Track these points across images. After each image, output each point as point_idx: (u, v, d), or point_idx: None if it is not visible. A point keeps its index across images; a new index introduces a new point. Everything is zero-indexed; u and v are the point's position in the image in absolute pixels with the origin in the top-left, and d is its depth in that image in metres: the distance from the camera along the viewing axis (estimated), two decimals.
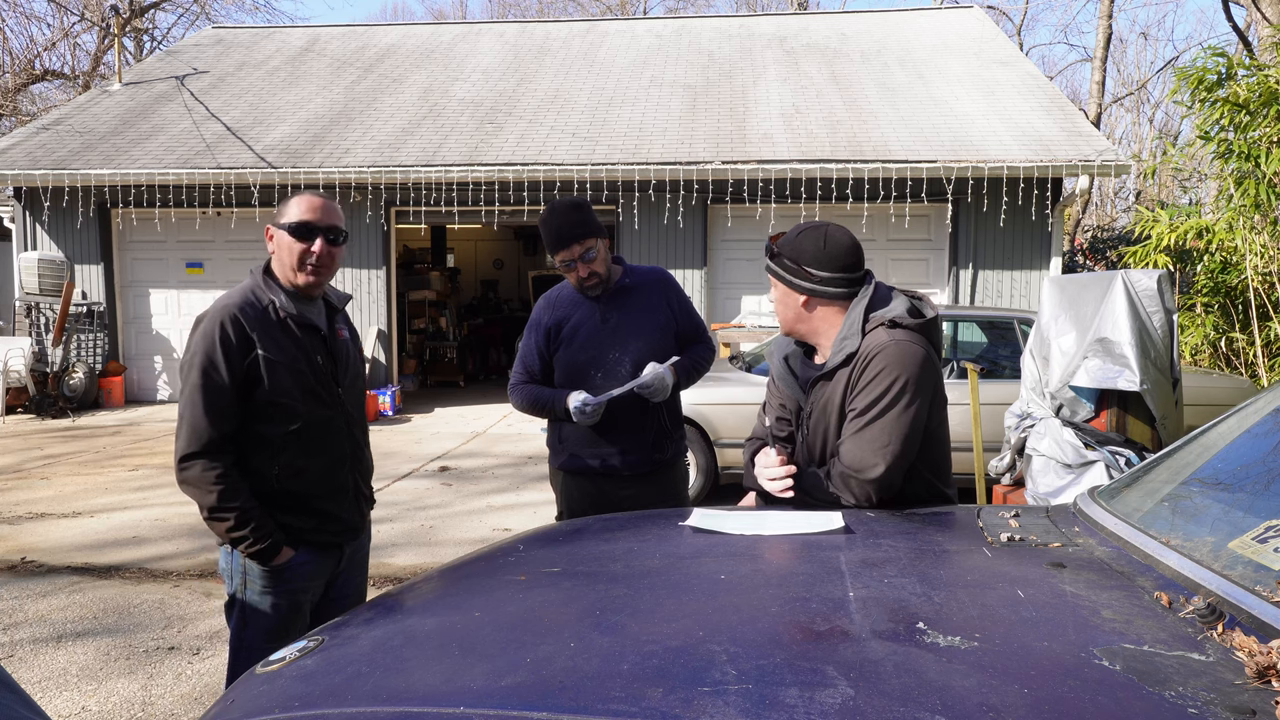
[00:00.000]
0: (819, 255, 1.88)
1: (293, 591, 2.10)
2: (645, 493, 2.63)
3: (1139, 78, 27.15)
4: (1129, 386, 3.76)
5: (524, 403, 2.68)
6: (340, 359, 2.18)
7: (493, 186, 9.77)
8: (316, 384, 2.08)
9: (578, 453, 2.66)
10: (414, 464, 7.23)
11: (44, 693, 3.14)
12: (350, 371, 2.23)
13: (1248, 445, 1.65)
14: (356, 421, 2.24)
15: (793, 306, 1.94)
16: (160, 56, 14.29)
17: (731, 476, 5.99)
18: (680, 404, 2.79)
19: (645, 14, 27.87)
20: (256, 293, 2.06)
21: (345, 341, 2.24)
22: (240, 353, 1.98)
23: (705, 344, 2.79)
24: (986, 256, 9.52)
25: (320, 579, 2.17)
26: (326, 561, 2.17)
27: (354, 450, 2.21)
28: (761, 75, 11.90)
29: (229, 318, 1.99)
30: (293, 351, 2.04)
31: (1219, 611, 1.12)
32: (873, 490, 1.78)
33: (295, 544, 2.08)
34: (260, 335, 2.00)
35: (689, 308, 2.79)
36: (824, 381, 1.91)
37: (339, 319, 2.25)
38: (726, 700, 0.96)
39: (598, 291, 2.61)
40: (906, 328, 1.83)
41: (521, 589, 1.42)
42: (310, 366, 2.07)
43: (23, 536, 5.05)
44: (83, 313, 10.07)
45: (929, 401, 1.83)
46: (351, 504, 2.21)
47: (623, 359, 2.60)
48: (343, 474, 2.17)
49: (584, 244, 2.52)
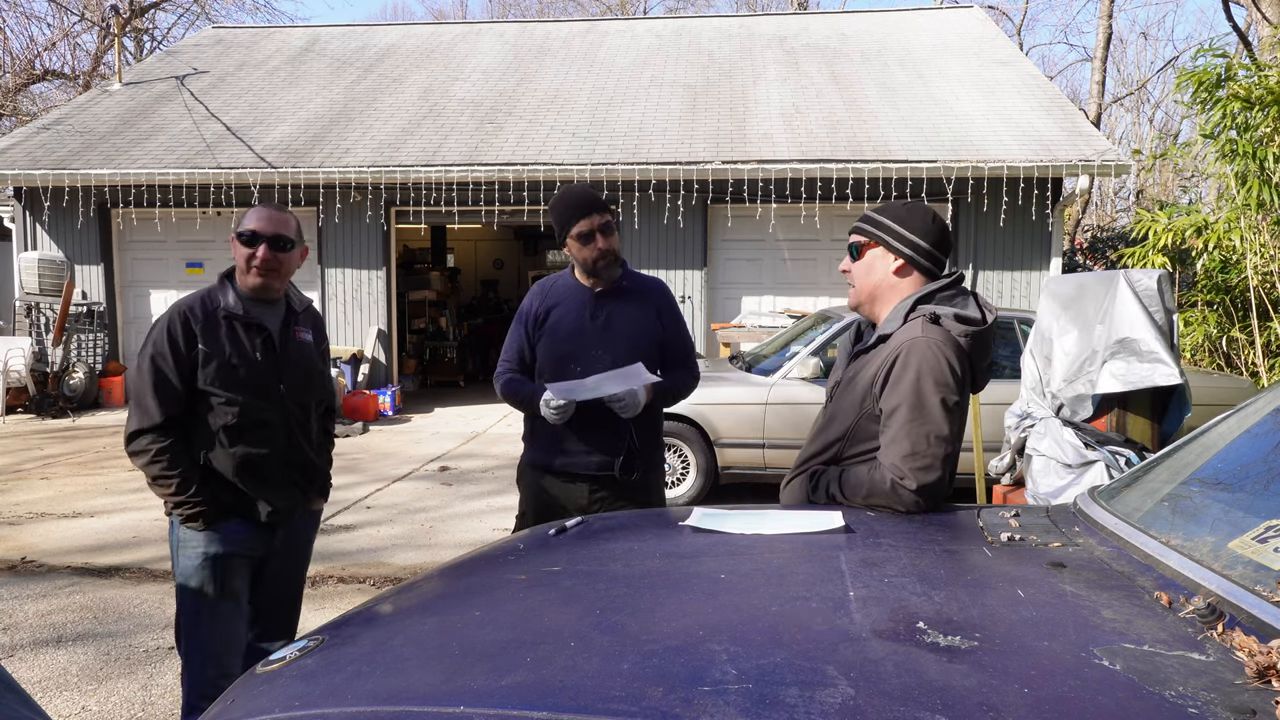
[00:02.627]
0: (927, 226, 1.90)
1: (223, 555, 2.29)
2: (613, 504, 2.57)
3: (1139, 78, 27.17)
4: (1169, 381, 3.63)
5: (505, 392, 2.66)
6: (289, 359, 2.36)
7: (493, 186, 9.77)
8: (252, 379, 2.28)
9: (546, 451, 2.61)
10: (413, 464, 7.22)
11: (44, 693, 3.14)
12: (299, 371, 2.40)
13: (1248, 445, 1.65)
14: (298, 419, 2.39)
15: (882, 271, 1.92)
16: (160, 56, 14.29)
17: (732, 476, 5.99)
18: (659, 425, 2.73)
19: (645, 14, 27.86)
20: (210, 295, 2.32)
21: (301, 343, 2.42)
22: (186, 347, 2.23)
23: (689, 370, 2.72)
24: (986, 256, 9.52)
25: (249, 551, 2.35)
26: (255, 538, 2.35)
27: (289, 445, 2.37)
28: (761, 75, 11.90)
29: (180, 316, 2.25)
30: (230, 349, 2.26)
31: (1219, 611, 1.12)
32: (920, 499, 1.71)
33: (227, 515, 2.30)
34: (203, 332, 2.25)
35: (680, 327, 2.73)
36: (863, 355, 1.92)
37: (300, 321, 2.43)
38: (726, 700, 0.96)
39: (609, 273, 2.57)
40: (946, 327, 1.79)
41: (521, 589, 1.42)
42: (246, 363, 2.28)
43: (23, 536, 5.05)
44: (83, 313, 10.07)
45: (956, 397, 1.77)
46: (280, 494, 2.36)
47: (604, 357, 2.54)
48: (272, 466, 2.33)
49: (603, 216, 2.52)
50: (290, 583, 2.52)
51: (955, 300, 1.88)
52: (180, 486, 2.22)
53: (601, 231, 2.51)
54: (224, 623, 2.31)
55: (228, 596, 2.31)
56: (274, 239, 2.29)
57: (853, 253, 1.98)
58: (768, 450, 5.87)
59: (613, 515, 1.92)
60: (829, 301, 9.63)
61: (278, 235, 2.30)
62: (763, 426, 5.86)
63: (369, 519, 5.49)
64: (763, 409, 5.86)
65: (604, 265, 2.55)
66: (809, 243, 9.87)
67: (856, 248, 1.97)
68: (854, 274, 1.98)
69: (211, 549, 2.28)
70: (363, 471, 6.94)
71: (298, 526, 2.48)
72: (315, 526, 2.61)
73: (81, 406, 9.89)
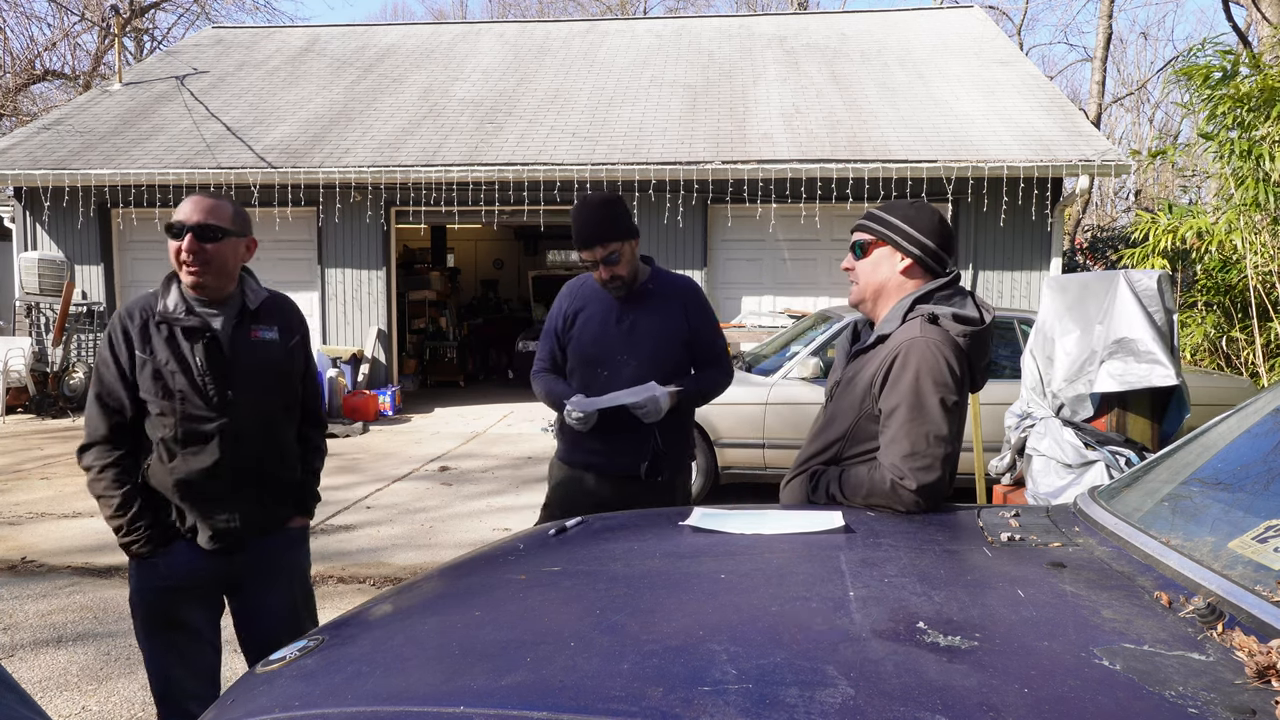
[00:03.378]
0: (934, 226, 1.90)
1: (164, 589, 2.08)
2: (637, 501, 2.55)
3: (1139, 78, 27.17)
4: (1165, 382, 3.64)
5: (540, 391, 2.69)
6: (240, 363, 2.10)
7: (493, 186, 9.77)
8: (189, 387, 2.04)
9: (576, 448, 2.65)
10: (413, 464, 7.23)
11: (44, 693, 3.14)
12: (256, 376, 2.12)
13: (1248, 445, 1.65)
14: (257, 428, 2.13)
15: (889, 270, 1.92)
16: (160, 56, 14.29)
17: (732, 477, 5.99)
18: (687, 428, 2.73)
19: (645, 14, 27.86)
20: (151, 296, 2.11)
21: (259, 343, 2.14)
22: (126, 353, 2.05)
23: (721, 368, 2.70)
24: (986, 256, 9.52)
25: (199, 581, 2.11)
26: (204, 564, 2.10)
27: (243, 457, 2.10)
28: (761, 75, 11.90)
29: (119, 320, 2.07)
30: (164, 354, 2.04)
31: (1219, 611, 1.12)
32: (920, 499, 1.71)
33: (169, 541, 2.07)
34: (138, 337, 2.05)
35: (711, 325, 2.71)
36: (861, 355, 1.92)
37: (258, 319, 2.16)
38: (726, 700, 0.96)
39: (621, 293, 2.58)
40: (944, 327, 1.80)
41: (521, 588, 1.42)
42: (183, 369, 2.03)
43: (23, 536, 5.05)
44: (83, 313, 10.07)
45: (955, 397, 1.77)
46: (226, 510, 2.09)
47: (629, 362, 2.56)
48: (217, 480, 2.07)
49: (606, 247, 2.47)
50: (274, 612, 2.21)
51: (953, 300, 1.89)
52: (119, 509, 2.02)
53: (605, 263, 2.50)
54: (178, 651, 2.11)
55: (175, 628, 2.10)
56: (199, 229, 2.00)
57: (857, 250, 1.97)
58: (768, 450, 5.87)
59: (613, 515, 1.92)
60: (829, 301, 9.63)
61: (203, 225, 2.00)
62: (763, 426, 5.86)
63: (369, 519, 5.49)
64: (763, 409, 5.86)
65: (614, 288, 2.56)
66: (809, 243, 9.87)
67: (862, 245, 1.96)
68: (858, 271, 1.97)
69: (152, 581, 2.07)
70: (363, 471, 6.95)
71: (270, 548, 2.19)
72: (298, 546, 2.31)
73: (81, 406, 9.86)
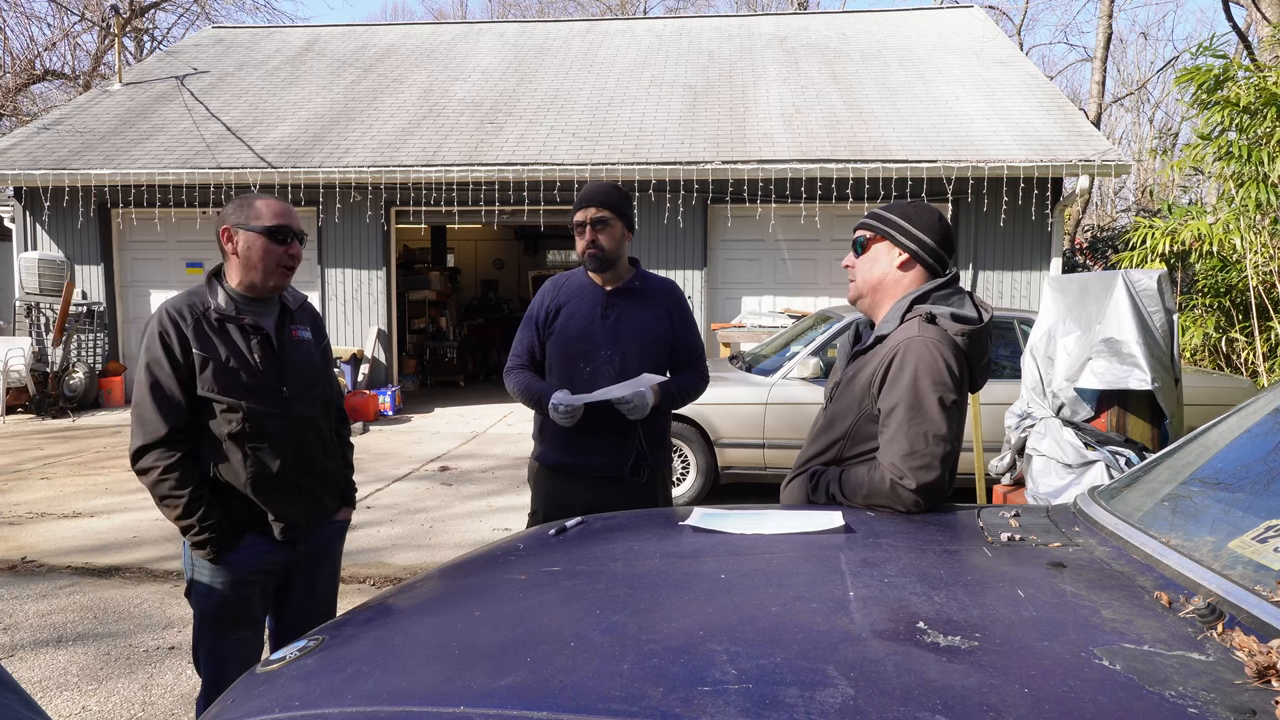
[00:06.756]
0: (933, 224, 1.92)
1: (236, 583, 2.13)
2: (619, 503, 2.53)
3: (1139, 78, 27.16)
4: (1141, 385, 3.69)
5: (515, 388, 2.66)
6: (290, 360, 2.19)
7: (493, 186, 9.77)
8: (253, 383, 2.11)
9: (555, 448, 2.62)
10: (413, 464, 7.23)
11: (44, 693, 3.14)
12: (303, 373, 2.22)
13: (1248, 445, 1.64)
14: (309, 423, 2.23)
15: (886, 265, 1.93)
16: (160, 56, 14.29)
17: (732, 476, 5.99)
18: (666, 428, 2.73)
19: (645, 14, 27.86)
20: (198, 296, 2.15)
21: (301, 342, 2.25)
22: (181, 351, 2.06)
23: (698, 372, 2.72)
24: (986, 256, 9.52)
25: (267, 571, 2.18)
26: (274, 555, 2.17)
27: (301, 452, 2.20)
28: (761, 75, 11.90)
29: (169, 318, 2.08)
30: (226, 352, 2.09)
31: (1219, 611, 1.12)
32: (919, 498, 1.71)
33: (240, 532, 2.12)
34: (196, 335, 2.07)
35: (691, 329, 2.73)
36: (861, 355, 1.93)
37: (296, 320, 2.26)
38: (726, 700, 0.96)
39: (595, 266, 2.56)
40: (943, 326, 1.80)
41: (521, 589, 1.42)
42: (245, 366, 2.10)
43: (23, 536, 5.05)
44: (83, 313, 10.07)
45: (954, 396, 1.77)
46: (294, 502, 2.19)
47: (613, 358, 2.56)
48: (285, 473, 2.16)
49: (600, 211, 2.51)
50: (321, 602, 2.32)
51: (951, 299, 1.89)
52: (188, 508, 2.04)
53: (593, 225, 2.52)
54: (241, 643, 2.16)
55: (246, 624, 2.16)
56: (302, 235, 2.20)
57: (857, 248, 1.99)
58: (768, 450, 5.87)
59: (613, 515, 1.91)
60: (829, 301, 9.63)
61: (301, 230, 2.20)
62: (763, 426, 5.86)
63: (369, 519, 5.49)
64: (763, 409, 5.86)
65: (592, 255, 2.55)
66: (809, 243, 9.87)
67: (862, 243, 1.97)
68: (857, 268, 1.99)
69: (224, 577, 2.12)
70: (363, 471, 6.94)
71: (322, 539, 2.30)
72: (342, 538, 2.43)
73: (81, 406, 9.90)
